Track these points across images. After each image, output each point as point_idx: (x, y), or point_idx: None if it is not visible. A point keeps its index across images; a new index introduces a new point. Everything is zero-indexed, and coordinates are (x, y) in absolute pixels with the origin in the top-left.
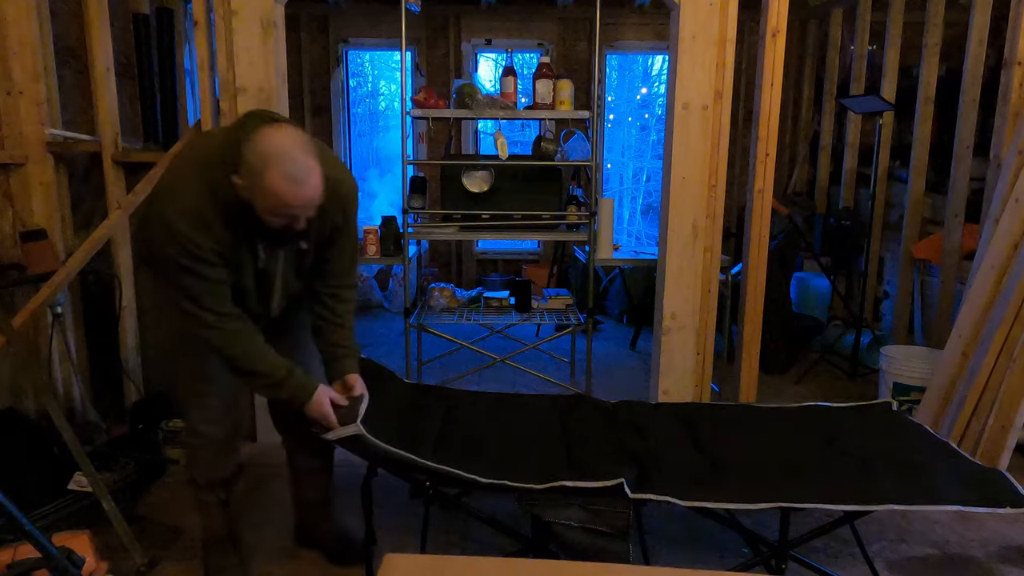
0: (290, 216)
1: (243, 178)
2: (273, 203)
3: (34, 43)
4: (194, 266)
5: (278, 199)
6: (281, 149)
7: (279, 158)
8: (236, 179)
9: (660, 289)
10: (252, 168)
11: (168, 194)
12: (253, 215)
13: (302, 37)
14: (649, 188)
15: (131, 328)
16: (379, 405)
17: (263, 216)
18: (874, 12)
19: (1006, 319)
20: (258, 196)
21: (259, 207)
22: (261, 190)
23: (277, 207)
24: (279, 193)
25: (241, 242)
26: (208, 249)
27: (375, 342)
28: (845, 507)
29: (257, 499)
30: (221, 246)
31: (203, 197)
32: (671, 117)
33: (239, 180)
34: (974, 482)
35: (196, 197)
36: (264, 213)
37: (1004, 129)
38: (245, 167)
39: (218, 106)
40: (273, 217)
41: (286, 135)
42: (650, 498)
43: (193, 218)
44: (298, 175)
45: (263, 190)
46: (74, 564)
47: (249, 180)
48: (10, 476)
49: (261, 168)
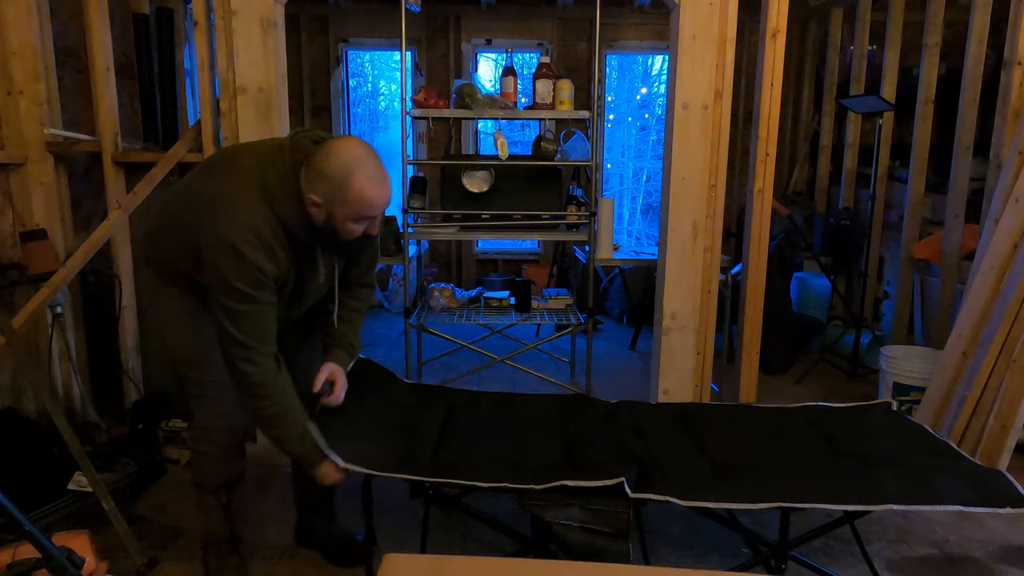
0: (371, 219)
1: (321, 193)
2: (359, 208)
3: (34, 43)
4: (255, 293)
5: (364, 202)
6: (358, 155)
7: (360, 163)
8: (313, 197)
9: (660, 289)
10: (334, 179)
11: (234, 223)
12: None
13: (302, 37)
14: (649, 188)
15: (131, 328)
16: (379, 405)
17: (343, 226)
18: (874, 12)
19: (1006, 319)
20: (342, 205)
21: (342, 216)
22: (346, 198)
23: (363, 211)
24: (366, 196)
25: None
26: (271, 276)
27: (375, 342)
28: (845, 507)
29: (257, 499)
30: (280, 271)
31: (268, 223)
32: (671, 117)
33: (316, 197)
34: (974, 482)
35: (263, 224)
36: (346, 222)
37: (1004, 129)
38: (324, 181)
39: (218, 106)
40: (355, 224)
41: (353, 142)
42: (651, 497)
43: (262, 245)
44: (379, 176)
45: (349, 197)
46: (74, 564)
47: (330, 192)
48: (10, 476)
49: (345, 176)
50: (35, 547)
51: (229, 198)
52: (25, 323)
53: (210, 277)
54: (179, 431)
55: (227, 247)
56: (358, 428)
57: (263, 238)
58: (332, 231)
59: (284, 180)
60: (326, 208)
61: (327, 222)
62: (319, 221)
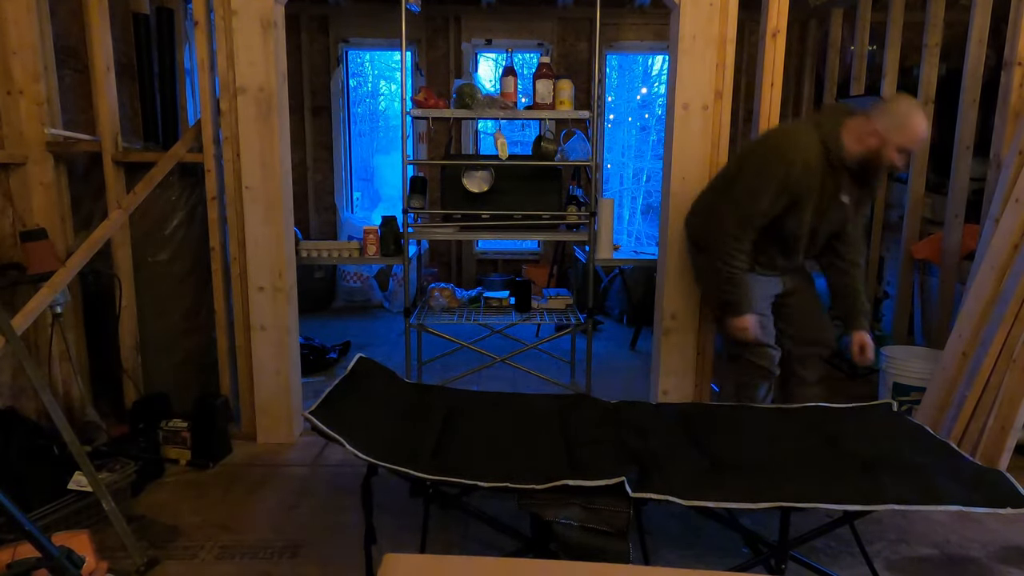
0: (909, 152)
1: (883, 125)
2: (911, 137)
3: (34, 43)
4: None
5: (916, 134)
6: (915, 104)
7: (918, 108)
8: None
9: (660, 289)
10: (897, 114)
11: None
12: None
13: (302, 37)
14: (649, 188)
15: (131, 328)
16: (380, 405)
17: (888, 152)
18: (874, 12)
19: (1006, 319)
20: (899, 132)
21: (895, 143)
22: (905, 127)
23: (912, 140)
24: (919, 130)
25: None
26: (794, 183)
27: (375, 342)
28: (846, 507)
29: (257, 499)
30: (804, 190)
31: (813, 145)
32: (671, 117)
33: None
34: (975, 483)
35: (810, 141)
36: (892, 151)
37: (1004, 129)
38: (888, 115)
39: (218, 106)
40: (899, 153)
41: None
42: (651, 497)
43: (799, 157)
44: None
45: (908, 126)
46: (74, 564)
47: (891, 123)
48: (10, 476)
49: (907, 113)
50: (35, 547)
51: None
52: (25, 323)
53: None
54: (179, 431)
55: (773, 152)
56: (363, 424)
57: (802, 155)
58: (874, 157)
59: (830, 118)
60: (883, 135)
61: (876, 149)
62: (868, 148)
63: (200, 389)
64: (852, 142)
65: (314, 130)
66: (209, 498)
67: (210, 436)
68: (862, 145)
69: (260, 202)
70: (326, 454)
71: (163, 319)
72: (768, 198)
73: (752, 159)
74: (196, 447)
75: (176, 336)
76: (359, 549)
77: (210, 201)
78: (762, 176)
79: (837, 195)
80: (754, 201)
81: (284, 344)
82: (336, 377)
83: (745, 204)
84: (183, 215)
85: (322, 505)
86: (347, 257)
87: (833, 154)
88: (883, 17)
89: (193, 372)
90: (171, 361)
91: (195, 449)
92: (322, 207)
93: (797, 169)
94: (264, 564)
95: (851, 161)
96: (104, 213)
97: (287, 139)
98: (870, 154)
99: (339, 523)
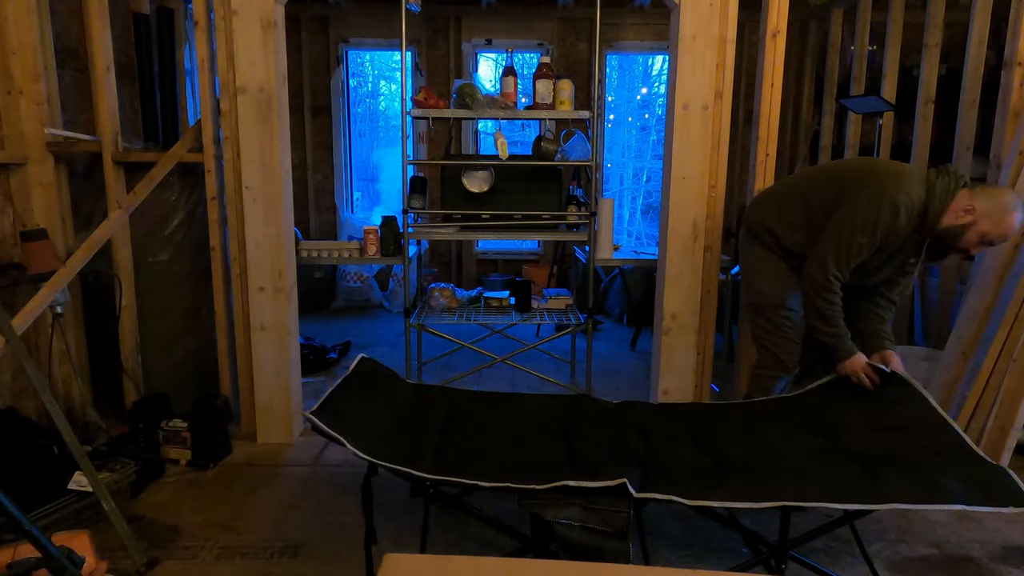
0: (990, 244)
1: (981, 207)
2: (998, 231)
3: (34, 43)
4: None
5: (1005, 230)
6: (1020, 202)
7: (1020, 207)
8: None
9: (660, 289)
10: (999, 203)
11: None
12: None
13: (302, 37)
14: (649, 188)
15: (131, 328)
16: (382, 405)
17: (970, 236)
18: (874, 12)
19: (1006, 319)
20: (988, 221)
21: (980, 229)
22: (998, 219)
23: (997, 235)
24: (1011, 227)
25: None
26: (888, 232)
27: (375, 342)
28: (848, 506)
29: (257, 499)
30: (891, 238)
31: (916, 202)
32: (671, 117)
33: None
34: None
35: (915, 200)
36: (976, 235)
37: (1004, 129)
38: (991, 199)
39: (218, 106)
40: (979, 241)
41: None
42: (655, 497)
43: (904, 212)
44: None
45: (1002, 222)
46: (74, 564)
47: (989, 209)
48: (10, 476)
49: (1008, 206)
50: (35, 547)
51: (903, 172)
52: (25, 323)
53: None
54: (179, 431)
55: (885, 198)
56: (364, 424)
57: (908, 208)
58: (953, 235)
59: (947, 184)
60: (973, 216)
61: (959, 227)
62: (953, 224)
63: (200, 389)
64: (949, 214)
65: (314, 130)
66: (209, 498)
67: (210, 436)
68: (954, 218)
69: (260, 202)
70: (326, 454)
71: (163, 319)
72: (871, 244)
73: (861, 196)
74: (196, 447)
75: (176, 336)
76: (359, 549)
77: (210, 201)
78: (870, 221)
79: (908, 256)
80: (860, 251)
81: (284, 344)
82: (337, 377)
83: (848, 245)
84: (183, 215)
85: (322, 505)
86: (347, 257)
87: (930, 219)
88: (883, 17)
89: (193, 372)
90: (171, 361)
91: (195, 449)
92: (322, 207)
93: (902, 221)
94: (264, 564)
95: (939, 230)
96: (104, 213)
97: (287, 139)
98: (955, 229)
99: (339, 523)
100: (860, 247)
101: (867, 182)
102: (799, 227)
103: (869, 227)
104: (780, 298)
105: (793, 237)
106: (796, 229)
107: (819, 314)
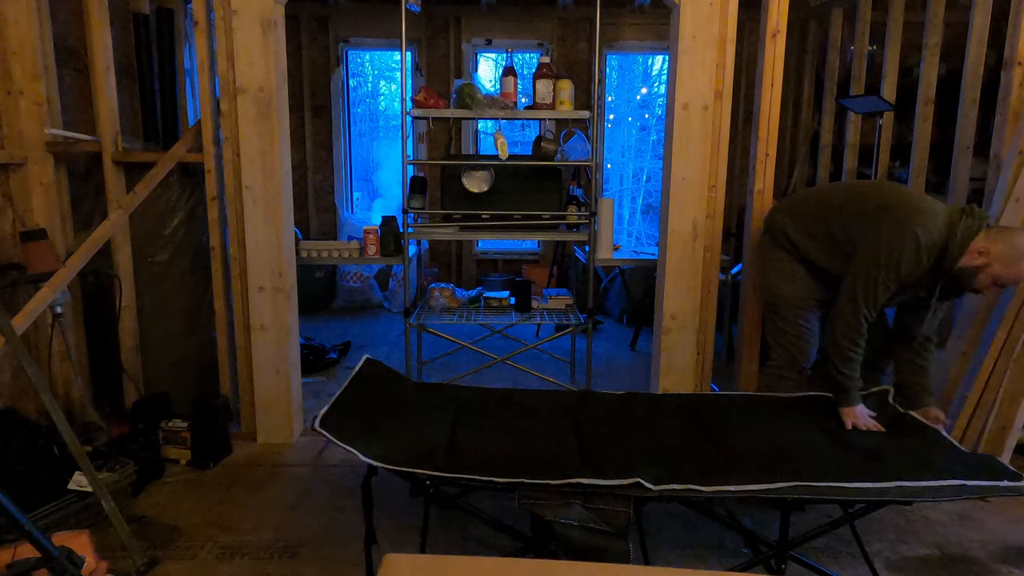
0: (1003, 287)
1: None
2: (1011, 274)
3: (34, 43)
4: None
5: (1019, 277)
6: None
7: None
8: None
9: (660, 289)
10: (1013, 248)
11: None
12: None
13: (302, 37)
14: (649, 188)
15: (131, 328)
16: (390, 405)
17: (984, 276)
18: (874, 12)
19: (1006, 319)
20: (1002, 264)
21: (994, 271)
22: (1014, 264)
23: (1009, 279)
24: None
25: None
26: (911, 270)
27: (375, 342)
28: (861, 484)
29: (257, 499)
30: (914, 278)
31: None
32: (671, 117)
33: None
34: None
35: (937, 237)
36: (990, 276)
37: (1004, 129)
38: (1006, 242)
39: (218, 106)
40: (993, 282)
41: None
42: (673, 488)
43: (925, 247)
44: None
45: (1017, 266)
46: (74, 564)
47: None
48: (10, 476)
49: (1020, 253)
50: (35, 547)
51: (928, 209)
52: (25, 323)
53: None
54: (179, 431)
55: (909, 232)
56: (372, 427)
57: (929, 244)
58: (966, 276)
59: (969, 226)
60: (987, 258)
61: (973, 268)
62: (968, 264)
63: (200, 389)
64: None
65: (314, 130)
66: (209, 498)
67: (210, 436)
68: (969, 259)
69: (260, 202)
70: (326, 454)
71: (163, 319)
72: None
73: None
74: (196, 447)
75: (176, 336)
76: (359, 549)
77: (210, 201)
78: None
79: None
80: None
81: (284, 344)
82: (337, 377)
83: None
84: (183, 215)
85: (322, 505)
86: (347, 257)
87: (948, 259)
88: (883, 17)
89: (193, 372)
90: (171, 361)
91: (195, 449)
92: (322, 207)
93: (923, 257)
94: (264, 564)
95: (956, 270)
96: (104, 213)
97: (287, 139)
98: (969, 270)
99: (339, 523)
100: (887, 283)
101: (890, 212)
102: (819, 242)
103: (893, 263)
104: (798, 299)
105: (812, 249)
106: (815, 242)
107: (842, 356)
